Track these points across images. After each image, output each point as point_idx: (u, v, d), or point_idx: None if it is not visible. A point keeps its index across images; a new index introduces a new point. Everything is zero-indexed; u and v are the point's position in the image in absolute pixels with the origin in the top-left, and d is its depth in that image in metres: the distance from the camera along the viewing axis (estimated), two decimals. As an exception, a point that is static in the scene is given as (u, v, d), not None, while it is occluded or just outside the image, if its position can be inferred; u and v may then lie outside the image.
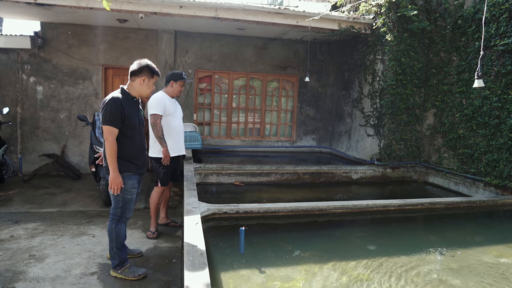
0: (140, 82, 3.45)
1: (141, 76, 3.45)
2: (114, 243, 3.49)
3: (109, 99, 3.31)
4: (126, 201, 3.51)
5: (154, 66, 3.53)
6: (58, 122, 7.92)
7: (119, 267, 3.54)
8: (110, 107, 3.25)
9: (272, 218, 3.75)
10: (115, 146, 3.28)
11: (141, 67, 3.45)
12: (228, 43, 8.53)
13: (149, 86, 3.50)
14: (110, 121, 3.24)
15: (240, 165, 6.08)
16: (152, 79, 3.50)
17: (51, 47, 7.70)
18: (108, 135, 3.25)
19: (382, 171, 6.90)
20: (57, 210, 5.63)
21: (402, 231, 4.03)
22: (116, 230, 3.49)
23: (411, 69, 6.92)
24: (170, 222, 5.12)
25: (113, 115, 3.25)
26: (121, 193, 3.43)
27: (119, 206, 3.49)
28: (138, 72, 3.45)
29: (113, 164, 3.29)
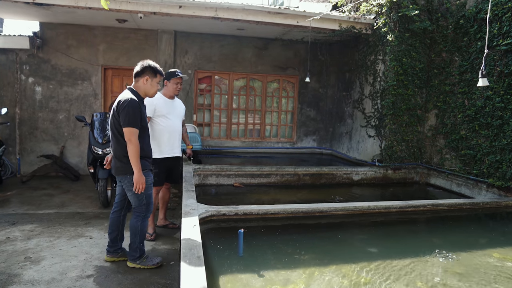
0: (143, 82, 3.52)
1: (143, 76, 3.53)
2: (139, 238, 3.64)
3: (127, 101, 3.36)
4: (149, 196, 3.63)
5: (157, 66, 3.60)
6: (57, 123, 7.86)
7: (138, 259, 3.69)
8: (129, 108, 3.32)
9: (272, 220, 3.68)
10: (139, 146, 3.36)
11: (143, 67, 3.52)
12: (228, 43, 8.48)
13: (152, 85, 3.56)
14: (131, 122, 3.32)
15: (240, 166, 6.02)
16: (155, 78, 3.57)
17: (50, 47, 7.66)
18: (131, 137, 3.33)
19: (384, 173, 6.83)
20: (55, 211, 5.57)
21: (404, 233, 3.96)
22: (142, 226, 3.65)
23: (412, 70, 6.86)
24: (169, 224, 5.05)
25: (134, 116, 3.33)
26: (144, 191, 3.51)
27: (143, 204, 3.62)
28: (141, 72, 3.52)
29: (138, 164, 3.38)
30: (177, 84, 4.73)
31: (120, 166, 3.50)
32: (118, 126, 3.44)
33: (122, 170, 3.49)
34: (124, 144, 3.43)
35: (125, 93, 3.50)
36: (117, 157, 3.51)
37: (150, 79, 3.53)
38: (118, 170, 3.53)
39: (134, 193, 3.54)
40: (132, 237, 3.66)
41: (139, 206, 3.62)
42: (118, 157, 3.50)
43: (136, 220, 3.64)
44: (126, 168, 3.47)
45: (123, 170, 3.49)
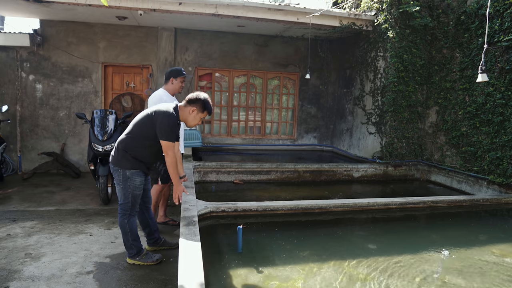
0: (189, 111, 3.52)
1: (193, 106, 3.51)
2: (129, 235, 3.67)
3: (169, 114, 3.39)
4: (135, 197, 3.62)
5: (210, 104, 3.60)
6: (58, 120, 7.87)
7: (137, 256, 3.72)
8: (170, 123, 3.38)
9: (271, 217, 3.68)
10: (175, 159, 3.42)
11: (197, 99, 3.52)
12: (228, 40, 8.46)
13: (195, 118, 3.56)
14: (169, 136, 3.37)
15: (240, 163, 6.02)
16: (201, 113, 3.55)
17: (51, 45, 7.65)
18: (168, 150, 3.37)
19: (384, 169, 6.82)
20: (56, 208, 5.58)
21: (403, 230, 3.95)
22: (129, 224, 3.66)
23: (413, 66, 6.84)
24: (169, 221, 5.06)
25: (172, 131, 3.40)
26: (130, 189, 3.55)
27: (128, 201, 3.62)
28: (193, 101, 3.52)
29: (176, 177, 3.45)
30: (182, 82, 4.76)
31: (117, 158, 3.54)
32: (146, 125, 3.46)
33: (117, 162, 3.53)
34: (134, 141, 3.48)
35: (169, 105, 3.53)
36: (118, 148, 3.54)
37: (197, 112, 3.53)
38: (114, 159, 3.58)
39: (121, 188, 3.58)
40: (124, 236, 3.68)
41: (124, 203, 3.62)
42: (119, 149, 3.53)
43: (122, 218, 3.64)
44: (121, 162, 3.52)
45: (118, 163, 3.53)
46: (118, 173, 3.56)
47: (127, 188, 3.57)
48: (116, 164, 3.54)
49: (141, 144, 3.50)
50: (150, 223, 4.02)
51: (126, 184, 3.57)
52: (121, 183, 3.57)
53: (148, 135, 3.47)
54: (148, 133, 3.46)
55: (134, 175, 3.56)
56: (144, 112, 3.58)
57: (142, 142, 3.49)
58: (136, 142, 3.50)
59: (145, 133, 3.47)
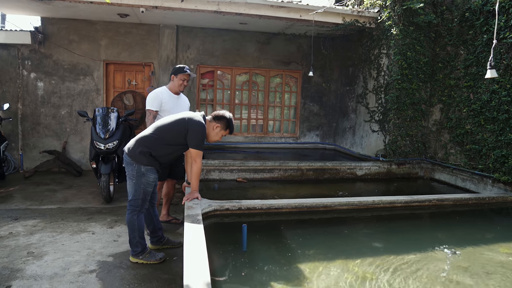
0: (213, 127, 3.63)
1: (217, 123, 3.63)
2: (137, 232, 3.65)
3: (201, 124, 3.51)
4: (146, 193, 3.63)
5: (233, 123, 3.74)
6: (59, 118, 7.84)
7: (141, 254, 3.70)
8: (201, 132, 3.50)
9: (276, 215, 3.64)
10: (201, 167, 3.56)
11: (223, 116, 3.66)
12: (230, 38, 8.42)
13: (217, 134, 3.66)
14: (199, 145, 3.49)
15: (243, 161, 5.98)
16: (223, 131, 3.67)
17: (52, 42, 7.62)
18: (197, 158, 3.48)
19: (388, 168, 6.78)
20: (58, 207, 5.56)
21: (409, 228, 3.91)
22: (138, 221, 3.64)
23: (417, 64, 6.78)
24: (172, 219, 5.03)
25: (203, 141, 3.53)
26: (143, 185, 3.57)
27: (139, 197, 3.61)
28: (218, 118, 3.65)
29: (197, 184, 3.61)
30: (183, 80, 4.68)
31: (134, 152, 3.52)
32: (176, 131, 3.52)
33: (134, 156, 3.52)
34: (157, 142, 3.51)
35: (200, 116, 3.61)
36: (139, 144, 3.53)
37: (220, 129, 3.64)
38: (131, 152, 3.55)
39: (133, 184, 3.57)
40: (131, 233, 3.65)
41: (135, 199, 3.60)
42: (139, 144, 3.53)
43: (131, 215, 3.62)
44: (138, 157, 3.51)
45: (135, 157, 3.52)
46: (133, 168, 3.54)
47: (139, 184, 3.56)
48: (133, 158, 3.53)
49: (164, 146, 3.54)
50: (154, 220, 4.00)
51: (140, 180, 3.55)
52: (134, 178, 3.56)
53: (174, 140, 3.54)
54: (175, 138, 3.53)
55: (148, 172, 3.57)
56: (175, 117, 3.62)
57: (166, 145, 3.54)
58: (160, 143, 3.53)
59: (172, 138, 3.53)
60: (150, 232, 4.04)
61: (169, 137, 3.53)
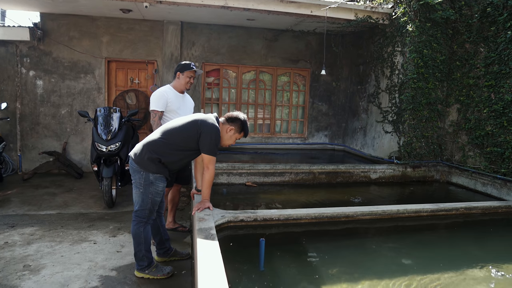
0: (226, 130, 3.33)
1: (231, 125, 3.33)
2: (143, 245, 3.36)
3: (215, 128, 3.20)
4: (154, 203, 3.35)
5: (247, 126, 3.41)
6: (59, 118, 7.54)
7: (147, 268, 3.43)
8: (215, 136, 3.18)
9: (294, 226, 3.35)
10: (214, 174, 3.26)
11: (237, 118, 3.35)
12: (237, 35, 8.11)
13: (231, 138, 3.36)
14: (212, 151, 3.17)
15: (252, 164, 5.68)
16: (237, 134, 3.37)
17: (52, 39, 7.31)
18: (210, 164, 3.19)
19: (402, 171, 6.48)
20: (57, 212, 5.27)
21: (437, 241, 3.61)
22: (144, 233, 3.35)
23: (433, 62, 6.47)
24: (178, 227, 4.73)
25: (217, 146, 3.21)
26: (151, 195, 3.28)
27: (147, 208, 3.32)
28: (232, 120, 3.35)
29: (208, 192, 3.31)
30: (190, 78, 4.38)
31: (142, 158, 3.20)
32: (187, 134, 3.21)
33: (142, 163, 3.21)
34: (168, 147, 3.21)
35: (213, 118, 3.29)
36: (147, 149, 3.21)
37: (233, 132, 3.34)
38: (138, 159, 3.23)
39: (140, 193, 3.27)
40: (136, 246, 3.35)
41: (141, 210, 3.30)
42: (148, 150, 3.21)
43: (137, 226, 3.32)
44: (146, 164, 3.21)
45: (143, 164, 3.21)
46: (140, 176, 3.24)
47: (147, 193, 3.26)
48: (140, 165, 3.22)
49: (174, 152, 3.23)
50: (161, 230, 3.71)
51: (148, 189, 3.25)
52: (141, 187, 3.26)
53: (185, 145, 3.23)
54: (187, 142, 3.22)
55: (157, 180, 3.27)
56: (186, 119, 3.30)
57: (176, 150, 3.23)
58: (170, 149, 3.21)
59: (183, 142, 3.22)
60: (156, 243, 3.74)
61: (180, 142, 3.22)
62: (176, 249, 3.88)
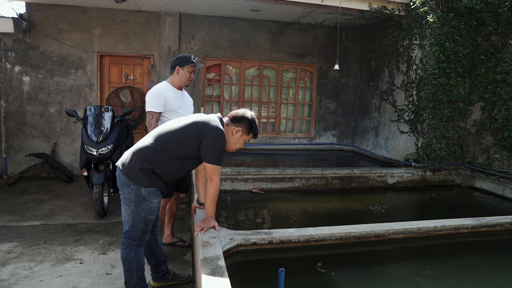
0: (232, 132, 2.80)
1: (237, 126, 2.80)
2: (135, 272, 2.80)
3: (221, 132, 2.67)
4: (148, 223, 2.78)
5: (256, 125, 2.87)
6: (48, 117, 6.97)
7: None
8: (220, 142, 2.65)
9: (316, 249, 2.80)
10: (219, 187, 2.75)
11: (243, 117, 2.83)
12: (239, 27, 7.54)
13: (238, 141, 2.84)
14: (217, 159, 2.64)
15: (259, 169, 5.14)
16: (246, 135, 2.85)
17: (39, 31, 6.73)
18: (214, 175, 2.66)
19: (422, 174, 5.95)
20: (41, 223, 4.70)
21: (482, 266, 3.04)
22: (136, 258, 2.79)
23: (455, 56, 5.93)
24: (177, 242, 4.18)
25: (221, 153, 2.67)
26: (144, 213, 2.73)
27: (139, 228, 2.75)
28: (238, 120, 2.82)
29: (213, 208, 2.81)
30: (191, 73, 3.81)
31: (132, 169, 2.64)
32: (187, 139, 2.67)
33: (132, 175, 2.65)
34: (163, 154, 2.66)
35: (216, 119, 2.74)
36: (138, 158, 2.65)
37: (241, 133, 2.80)
38: (127, 170, 2.66)
39: (131, 211, 2.71)
40: (127, 273, 2.78)
41: (132, 231, 2.74)
42: (138, 158, 2.65)
43: (128, 250, 2.75)
44: (137, 176, 2.64)
45: (133, 176, 2.65)
46: (130, 190, 2.67)
47: (139, 211, 2.70)
48: (130, 177, 2.65)
49: (170, 161, 2.67)
50: (157, 251, 3.14)
51: (140, 206, 2.69)
52: (131, 204, 2.69)
53: (184, 152, 2.68)
54: (185, 149, 2.67)
55: (151, 195, 2.70)
56: (184, 121, 2.73)
57: (173, 158, 2.67)
58: (165, 157, 2.66)
59: (181, 149, 2.67)
60: (151, 267, 3.18)
61: (177, 148, 2.66)
62: (175, 272, 3.33)
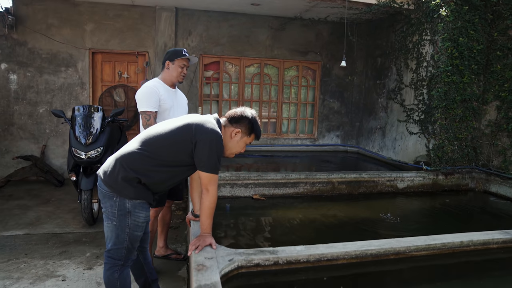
0: (231, 134, 2.46)
1: (236, 127, 2.46)
2: None
3: (218, 135, 2.31)
4: (134, 240, 2.42)
5: (258, 124, 2.53)
6: (37, 117, 6.60)
7: None
8: (216, 147, 2.29)
9: (327, 270, 2.43)
10: (216, 198, 2.37)
11: (242, 116, 2.48)
12: (239, 23, 7.17)
13: (239, 144, 2.50)
14: (213, 167, 2.28)
15: (261, 174, 4.78)
16: (246, 137, 2.50)
17: (26, 27, 6.35)
18: (210, 186, 2.30)
19: (433, 178, 5.59)
20: (25, 233, 4.34)
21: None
22: (121, 280, 2.42)
23: (469, 52, 5.56)
24: (171, 254, 3.82)
25: (218, 159, 2.31)
26: (129, 229, 2.37)
27: (123, 246, 2.39)
28: (237, 120, 2.47)
29: (209, 223, 2.41)
30: (183, 67, 3.43)
31: (115, 179, 2.28)
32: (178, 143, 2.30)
33: (114, 186, 2.29)
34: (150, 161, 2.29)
35: (212, 120, 2.40)
36: (121, 166, 2.28)
37: (240, 135, 2.46)
38: (109, 179, 2.30)
39: (114, 227, 2.35)
40: None
41: (116, 249, 2.37)
42: (121, 166, 2.28)
43: (111, 272, 2.38)
44: (120, 186, 2.28)
45: (115, 186, 2.29)
46: (113, 203, 2.32)
47: (123, 226, 2.34)
48: (113, 188, 2.30)
49: (159, 168, 2.32)
50: (146, 270, 2.77)
51: (124, 221, 2.33)
52: (114, 219, 2.33)
53: (175, 159, 2.32)
54: (177, 155, 2.31)
55: (137, 209, 2.35)
56: (175, 123, 2.37)
57: (163, 166, 2.32)
58: (153, 164, 2.30)
59: (172, 155, 2.31)
60: (140, 287, 2.81)
61: (167, 155, 2.30)
62: None
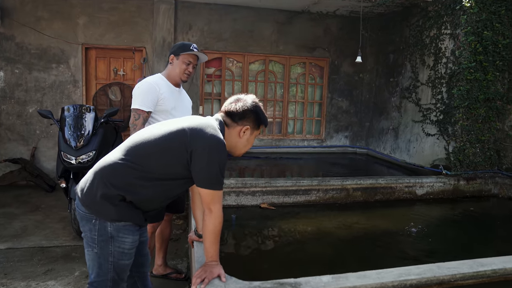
0: (239, 133, 2.02)
1: (244, 125, 2.02)
2: None
3: (217, 140, 1.85)
4: (120, 270, 1.97)
5: (262, 110, 2.08)
6: (26, 117, 6.17)
7: None
8: (219, 157, 1.84)
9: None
10: (221, 220, 1.88)
11: (245, 111, 2.02)
12: (242, 16, 6.74)
13: (249, 141, 2.08)
14: (216, 182, 1.84)
15: (269, 180, 4.35)
16: (256, 131, 2.09)
17: (14, 20, 5.92)
18: (212, 204, 1.84)
19: (454, 184, 5.17)
20: (7, 247, 3.90)
21: None
22: None
23: (494, 47, 5.14)
24: (171, 273, 3.39)
25: (221, 172, 1.85)
26: (112, 258, 1.92)
27: (108, 278, 1.94)
28: (241, 117, 2.01)
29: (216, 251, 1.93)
30: (189, 64, 2.97)
31: (93, 197, 1.84)
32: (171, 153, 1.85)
33: (92, 206, 1.85)
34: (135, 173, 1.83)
35: (213, 123, 1.94)
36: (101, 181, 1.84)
37: (249, 130, 2.03)
38: (86, 198, 1.87)
39: (95, 255, 1.91)
40: None
41: (100, 281, 1.94)
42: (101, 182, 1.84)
43: None
44: (99, 206, 1.84)
45: (93, 207, 1.85)
46: (92, 226, 1.88)
47: (106, 255, 1.90)
48: (91, 209, 1.86)
49: (150, 182, 1.86)
50: None
51: (106, 249, 1.89)
52: (95, 245, 1.90)
53: (167, 172, 1.87)
54: (169, 167, 1.87)
55: (121, 232, 1.90)
56: (167, 126, 1.91)
57: (153, 179, 1.87)
58: (141, 177, 1.85)
59: (163, 167, 1.86)
60: None
61: (156, 166, 1.84)
62: None
